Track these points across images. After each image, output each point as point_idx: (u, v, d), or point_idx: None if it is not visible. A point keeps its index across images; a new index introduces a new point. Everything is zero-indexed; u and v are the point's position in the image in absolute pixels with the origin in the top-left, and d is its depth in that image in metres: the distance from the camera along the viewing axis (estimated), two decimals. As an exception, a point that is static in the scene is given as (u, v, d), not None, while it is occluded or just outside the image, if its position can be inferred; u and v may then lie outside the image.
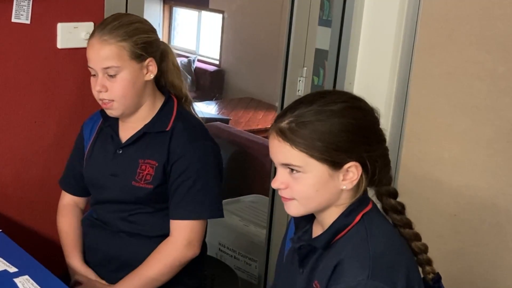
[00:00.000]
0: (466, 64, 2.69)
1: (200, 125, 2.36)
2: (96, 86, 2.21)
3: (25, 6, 2.48)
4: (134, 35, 2.21)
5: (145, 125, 2.29)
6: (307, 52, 3.28)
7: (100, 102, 2.25)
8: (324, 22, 3.50)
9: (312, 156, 1.63)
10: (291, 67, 3.26)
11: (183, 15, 9.57)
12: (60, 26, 2.57)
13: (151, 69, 2.25)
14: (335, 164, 1.63)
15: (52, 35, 2.58)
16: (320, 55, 3.46)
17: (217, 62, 8.76)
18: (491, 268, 2.65)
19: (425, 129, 2.85)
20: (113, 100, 2.22)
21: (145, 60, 2.23)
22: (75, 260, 2.41)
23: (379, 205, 1.78)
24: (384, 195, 1.76)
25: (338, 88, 3.27)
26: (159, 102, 2.32)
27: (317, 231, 1.77)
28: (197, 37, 9.27)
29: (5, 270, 2.09)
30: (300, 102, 1.69)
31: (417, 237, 1.77)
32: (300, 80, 3.27)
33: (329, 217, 1.71)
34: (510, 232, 2.59)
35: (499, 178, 2.61)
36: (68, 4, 2.57)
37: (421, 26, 2.86)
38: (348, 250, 1.64)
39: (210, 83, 8.34)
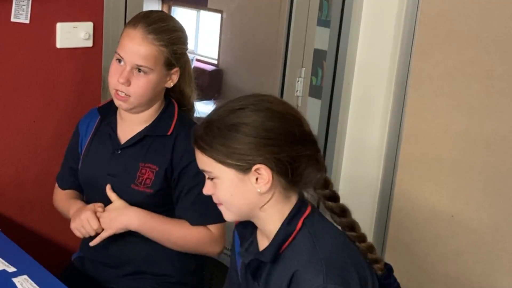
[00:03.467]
0: (464, 65, 2.69)
1: None
2: (120, 78, 2.17)
3: (24, 5, 2.48)
4: (175, 44, 2.20)
5: (146, 128, 2.29)
6: (305, 53, 3.29)
7: (113, 92, 2.22)
8: (323, 22, 3.50)
9: (218, 161, 1.65)
10: (289, 68, 3.26)
11: (182, 15, 9.56)
12: (60, 26, 2.58)
13: (173, 78, 2.25)
14: (241, 167, 1.64)
15: (52, 35, 2.58)
16: (319, 55, 3.46)
17: (216, 62, 8.75)
18: (489, 270, 2.65)
19: (423, 129, 2.86)
20: (129, 96, 2.21)
21: (173, 69, 2.24)
22: (72, 210, 2.32)
23: None
24: (324, 199, 1.74)
25: (336, 88, 3.27)
26: (161, 105, 2.32)
27: (262, 241, 1.76)
28: (195, 37, 9.26)
29: (4, 270, 2.09)
30: (214, 108, 1.71)
31: (361, 238, 1.75)
32: (298, 81, 3.27)
33: (268, 224, 1.71)
34: (508, 233, 2.59)
35: (496, 179, 2.61)
36: (68, 4, 2.58)
37: (419, 26, 2.86)
38: (299, 259, 1.64)
39: (209, 82, 8.33)
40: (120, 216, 2.24)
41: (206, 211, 2.27)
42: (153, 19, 2.19)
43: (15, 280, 2.06)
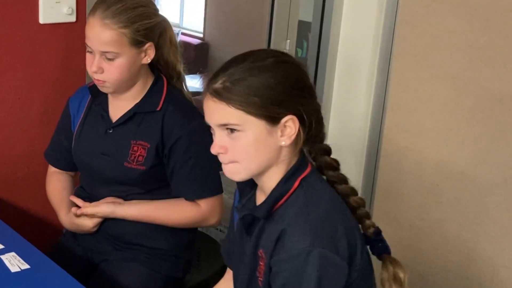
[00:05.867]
0: (447, 34, 2.69)
1: (190, 104, 2.37)
2: (92, 67, 2.19)
3: (5, -19, 2.47)
4: (136, 22, 2.18)
5: (135, 105, 2.29)
6: (290, 25, 3.28)
7: (93, 78, 2.25)
8: (307, -7, 3.50)
9: (249, 112, 1.63)
10: (274, 40, 3.26)
11: (167, -12, 9.51)
12: (42, 1, 2.56)
13: (149, 53, 2.24)
14: (273, 118, 1.64)
15: (34, 11, 2.57)
16: (304, 27, 3.46)
17: (201, 35, 8.72)
18: (473, 236, 2.68)
19: (407, 100, 2.86)
20: (105, 81, 2.21)
21: (145, 45, 2.22)
22: (62, 214, 2.42)
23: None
24: (319, 153, 1.76)
25: (321, 60, 3.27)
26: (150, 81, 2.32)
27: (260, 197, 1.77)
28: (180, 10, 9.22)
29: (-8, 247, 2.11)
30: (231, 62, 1.69)
31: (354, 191, 1.78)
32: (283, 53, 3.27)
33: (269, 181, 1.71)
34: (491, 201, 2.61)
35: (480, 148, 2.63)
36: (49, -21, 2.56)
37: (403, -3, 2.87)
38: (289, 219, 1.65)
39: (195, 56, 8.30)
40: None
41: (202, 185, 2.30)
42: (110, 3, 2.18)
43: (3, 257, 2.07)
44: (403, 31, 2.86)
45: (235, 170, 1.70)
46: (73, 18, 2.65)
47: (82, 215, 2.33)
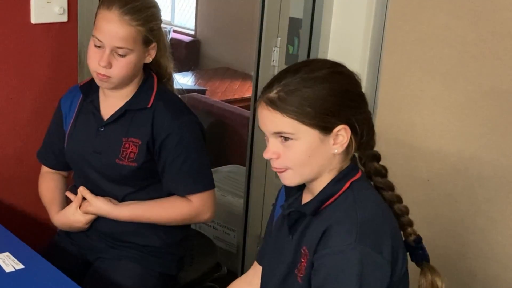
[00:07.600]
0: (437, 30, 2.71)
1: (180, 101, 2.39)
2: (101, 61, 2.17)
3: (-4, -18, 2.47)
4: (151, 21, 2.22)
5: (126, 102, 2.30)
6: (281, 22, 3.29)
7: (94, 73, 2.24)
8: (298, -10, 3.50)
9: (302, 122, 1.67)
10: (265, 37, 3.26)
11: (157, -14, 9.50)
12: (33, 1, 2.57)
13: (151, 53, 2.27)
14: (325, 128, 1.68)
15: (26, 10, 2.57)
16: (295, 24, 3.47)
17: (193, 33, 8.71)
18: (464, 232, 2.70)
19: (398, 95, 2.88)
20: (110, 76, 2.22)
21: (151, 45, 2.25)
22: (53, 212, 2.44)
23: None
24: (369, 159, 1.81)
25: (312, 56, 3.28)
26: (141, 79, 2.33)
27: (306, 198, 1.80)
28: (172, 8, 9.21)
29: (-14, 248, 2.11)
30: (286, 72, 1.73)
31: (399, 199, 1.83)
32: (274, 50, 3.27)
33: (319, 185, 1.75)
34: (481, 196, 2.63)
35: (470, 143, 2.65)
36: (40, -21, 2.57)
37: (392, -7, 2.88)
38: (336, 216, 1.68)
39: (186, 54, 8.30)
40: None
41: (193, 181, 2.32)
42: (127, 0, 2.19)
43: (-3, 257, 2.08)
44: (393, 27, 2.87)
45: (289, 176, 1.74)
46: (64, 18, 2.66)
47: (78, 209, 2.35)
